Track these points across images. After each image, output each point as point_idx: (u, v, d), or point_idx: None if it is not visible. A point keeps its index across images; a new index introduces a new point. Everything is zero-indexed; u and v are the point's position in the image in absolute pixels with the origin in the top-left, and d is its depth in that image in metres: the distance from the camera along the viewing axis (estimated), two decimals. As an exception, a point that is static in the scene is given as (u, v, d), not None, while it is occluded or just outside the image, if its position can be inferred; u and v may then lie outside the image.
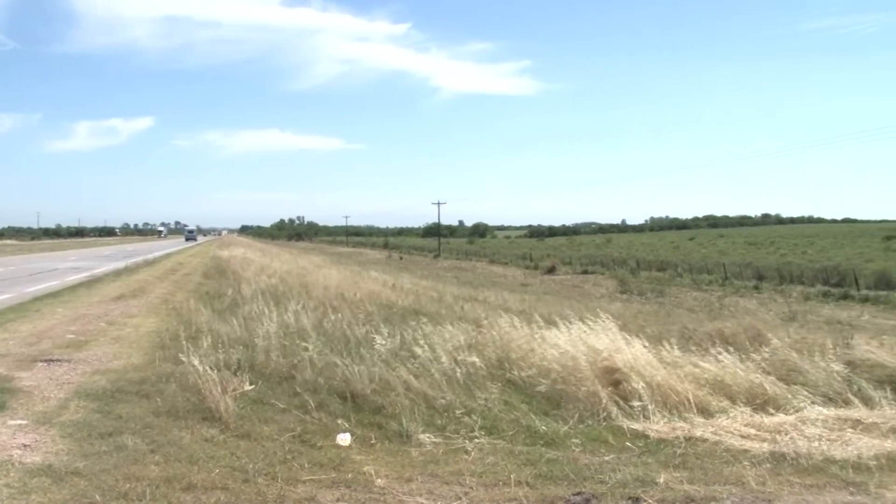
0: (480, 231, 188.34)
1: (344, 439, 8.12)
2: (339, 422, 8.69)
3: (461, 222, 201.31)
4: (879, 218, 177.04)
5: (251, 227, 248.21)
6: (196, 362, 9.73)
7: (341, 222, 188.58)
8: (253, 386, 10.00)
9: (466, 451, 7.87)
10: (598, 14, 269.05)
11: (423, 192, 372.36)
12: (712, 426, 9.22)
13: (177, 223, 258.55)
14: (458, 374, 10.15)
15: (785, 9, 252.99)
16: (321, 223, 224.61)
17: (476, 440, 8.20)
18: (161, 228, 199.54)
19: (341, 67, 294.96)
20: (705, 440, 8.66)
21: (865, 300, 37.31)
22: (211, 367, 9.70)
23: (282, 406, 9.22)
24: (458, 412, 8.92)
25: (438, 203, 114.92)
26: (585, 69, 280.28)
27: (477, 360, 10.75)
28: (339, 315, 15.32)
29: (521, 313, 16.24)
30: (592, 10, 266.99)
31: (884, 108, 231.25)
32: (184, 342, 11.81)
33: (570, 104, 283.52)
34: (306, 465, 7.23)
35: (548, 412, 9.26)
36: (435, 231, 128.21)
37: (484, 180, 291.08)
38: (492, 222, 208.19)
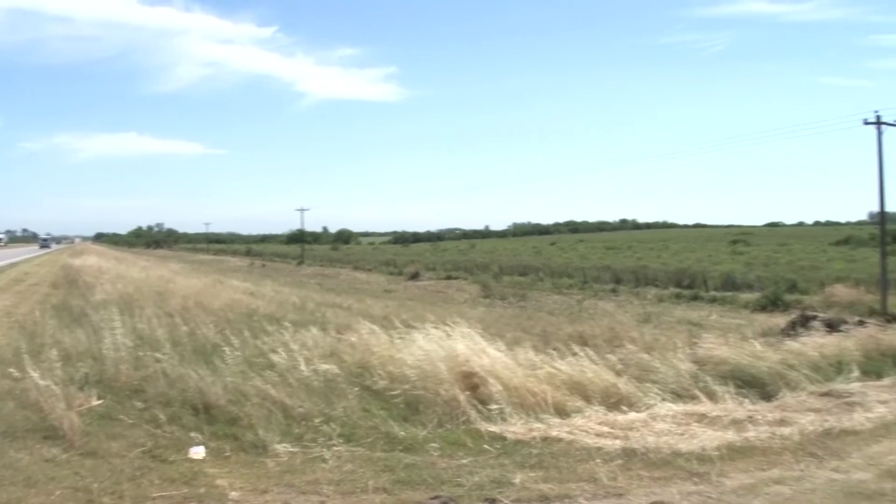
0: (345, 237, 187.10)
1: (197, 452, 7.86)
2: (193, 435, 8.42)
3: (325, 229, 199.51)
4: (727, 223, 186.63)
5: (107, 235, 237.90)
6: (37, 377, 9.21)
7: (202, 229, 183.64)
8: (101, 401, 9.57)
9: (324, 460, 7.78)
10: (465, 21, 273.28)
11: (287, 199, 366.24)
12: (568, 426, 9.45)
13: (24, 230, 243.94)
14: (317, 382, 10.02)
15: (644, 22, 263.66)
16: (181, 230, 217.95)
17: (334, 448, 8.11)
18: (1, 236, 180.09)
19: (204, 70, 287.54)
20: (561, 440, 8.87)
21: (714, 301, 39.08)
22: (55, 382, 9.21)
23: (131, 421, 8.86)
24: (316, 420, 8.80)
25: (302, 210, 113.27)
26: (451, 76, 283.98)
27: (336, 367, 10.65)
28: (196, 324, 14.87)
29: (383, 319, 16.21)
30: (459, 17, 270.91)
31: (731, 119, 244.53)
32: (25, 356, 11.14)
33: (436, 110, 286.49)
34: (156, 482, 6.96)
35: (407, 418, 9.27)
36: (299, 238, 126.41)
37: (349, 186, 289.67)
38: (356, 229, 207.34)
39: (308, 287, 45.03)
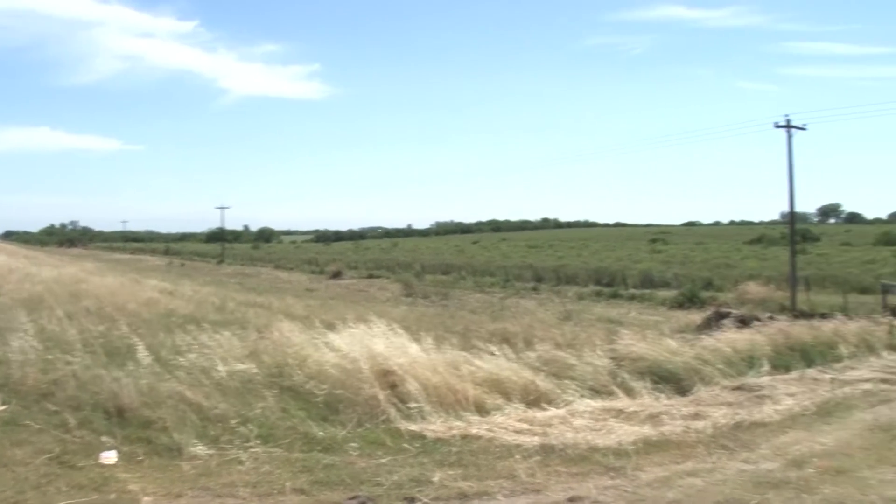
0: (266, 236, 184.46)
1: (108, 457, 7.64)
2: (104, 439, 8.18)
3: (247, 227, 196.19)
4: (647, 222, 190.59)
5: (16, 233, 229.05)
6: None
7: (119, 228, 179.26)
8: (6, 406, 9.22)
9: (241, 462, 7.64)
10: (390, 20, 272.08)
11: (207, 197, 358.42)
12: (488, 423, 9.51)
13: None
14: (235, 383, 9.86)
15: (568, 24, 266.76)
16: (97, 229, 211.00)
17: (252, 450, 7.98)
18: None
19: (122, 63, 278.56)
20: (481, 437, 8.92)
21: (632, 298, 39.82)
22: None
23: (38, 426, 8.55)
24: (233, 422, 8.63)
25: (222, 208, 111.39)
26: (375, 74, 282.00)
27: (255, 367, 10.49)
28: (111, 325, 14.48)
29: (304, 319, 16.05)
30: (383, 15, 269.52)
31: (650, 120, 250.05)
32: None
33: (359, 109, 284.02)
34: (64, 489, 6.72)
35: (326, 417, 9.19)
36: (219, 236, 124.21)
37: (271, 185, 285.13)
38: (278, 227, 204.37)
39: (228, 286, 44.36)
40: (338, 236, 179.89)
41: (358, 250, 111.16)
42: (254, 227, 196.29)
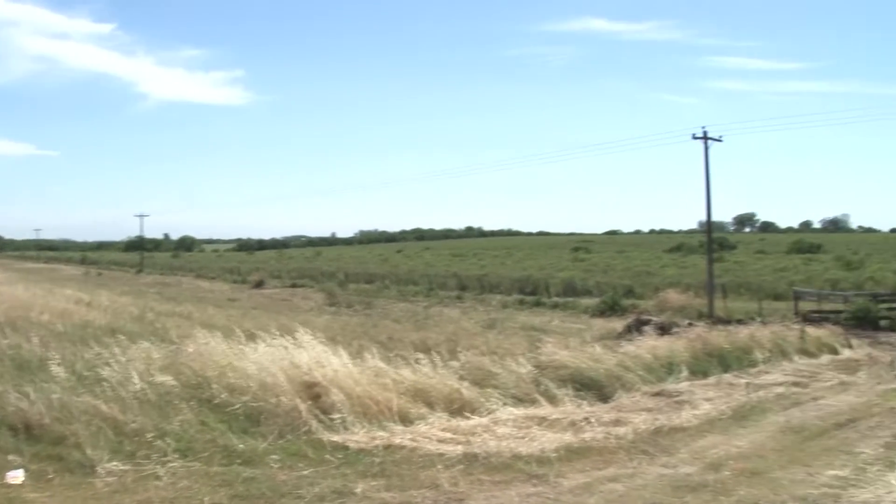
0: (187, 245, 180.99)
1: (15, 477, 7.33)
2: (11, 458, 7.85)
3: (167, 236, 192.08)
4: (569, 231, 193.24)
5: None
6: None
7: (32, 236, 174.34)
8: None
9: (158, 477, 7.44)
10: (314, 27, 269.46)
11: (125, 204, 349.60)
12: (411, 433, 9.47)
13: None
14: (153, 396, 9.57)
15: (491, 34, 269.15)
16: (7, 237, 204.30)
17: (169, 464, 7.77)
18: None
19: (36, 65, 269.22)
20: (404, 447, 8.88)
21: (555, 306, 40.26)
22: None
23: (-63, 446, 8.17)
24: (149, 436, 8.37)
25: (141, 216, 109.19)
26: (299, 81, 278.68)
27: (174, 379, 10.21)
28: (21, 338, 13.98)
29: (225, 329, 15.74)
30: (307, 22, 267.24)
31: (573, 131, 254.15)
32: None
33: (283, 116, 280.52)
34: (-34, 511, 6.45)
35: (247, 430, 8.99)
36: (138, 245, 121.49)
37: (192, 192, 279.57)
38: (199, 236, 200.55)
39: (147, 296, 43.38)
40: (261, 245, 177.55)
41: (281, 259, 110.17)
42: (174, 236, 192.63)
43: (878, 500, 7.11)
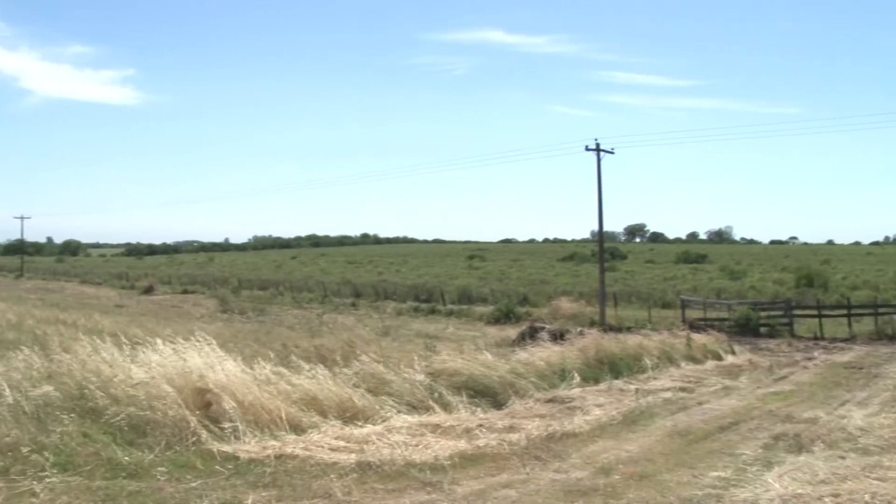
0: (72, 249, 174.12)
1: None
2: None
3: (50, 239, 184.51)
4: (464, 239, 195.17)
5: None
6: None
7: None
8: None
9: (35, 494, 7.05)
10: (208, 28, 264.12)
11: (5, 205, 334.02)
12: (303, 442, 9.32)
13: None
14: (29, 408, 9.09)
15: (391, 43, 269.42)
16: None
17: (47, 479, 7.37)
18: None
19: None
20: (296, 456, 8.72)
21: (450, 314, 40.55)
22: None
23: None
24: (25, 450, 7.90)
25: (22, 217, 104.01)
26: (192, 82, 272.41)
27: (54, 390, 9.74)
28: None
29: (112, 336, 15.17)
30: (201, 22, 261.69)
31: (470, 140, 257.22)
32: None
33: (175, 117, 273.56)
34: None
35: (133, 442, 8.64)
36: (18, 248, 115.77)
37: (78, 194, 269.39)
38: (86, 240, 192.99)
39: (28, 302, 41.63)
40: (151, 250, 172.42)
41: (172, 265, 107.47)
42: (58, 240, 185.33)
43: (757, 499, 7.39)
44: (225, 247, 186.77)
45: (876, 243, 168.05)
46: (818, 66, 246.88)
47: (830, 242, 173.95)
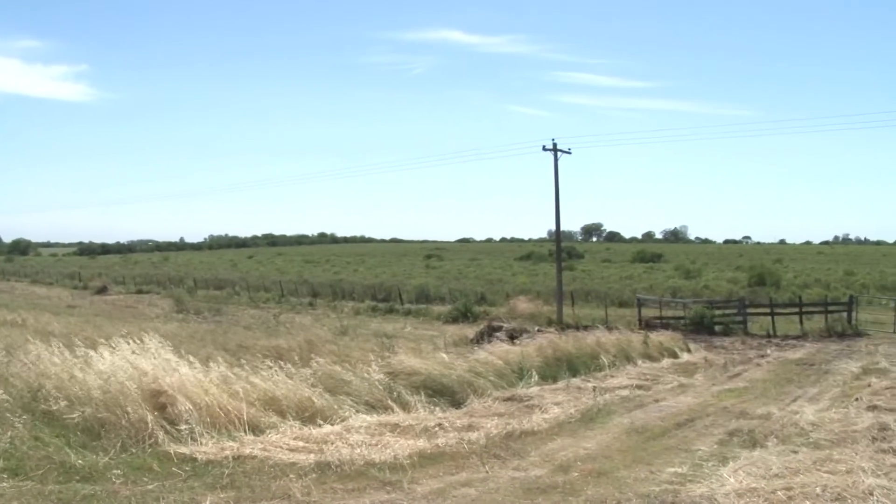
0: (22, 248, 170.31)
1: None
2: None
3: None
4: (422, 238, 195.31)
5: None
6: None
7: None
8: None
9: (-16, 499, 6.91)
10: (163, 24, 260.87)
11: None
12: (262, 443, 9.25)
13: None
14: (-24, 412, 8.89)
15: (349, 41, 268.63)
16: None
17: (-2, 485, 7.23)
18: None
19: None
20: (255, 457, 8.65)
21: (409, 313, 40.52)
22: None
23: None
24: (-27, 455, 7.75)
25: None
26: (147, 80, 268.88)
27: (3, 392, 9.54)
28: None
29: (64, 337, 14.93)
30: (156, 19, 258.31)
31: (428, 139, 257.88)
32: None
33: (130, 115, 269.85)
34: None
35: (87, 444, 8.48)
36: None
37: (29, 192, 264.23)
38: (36, 238, 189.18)
39: (-25, 303, 40.68)
40: (104, 249, 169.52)
41: (126, 264, 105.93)
42: (7, 238, 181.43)
43: (713, 493, 7.48)
44: (180, 246, 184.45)
45: (826, 243, 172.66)
46: (771, 69, 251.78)
47: (782, 242, 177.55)
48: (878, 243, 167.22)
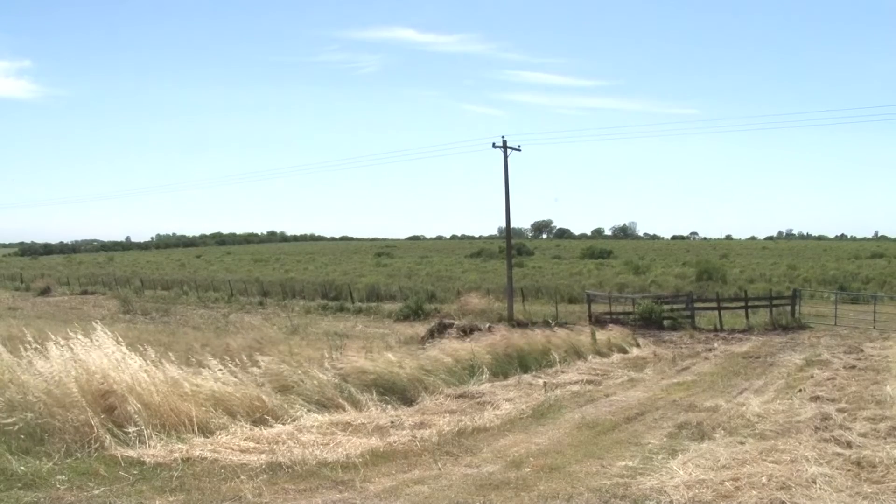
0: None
1: None
2: None
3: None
4: (372, 236, 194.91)
5: None
6: None
7: None
8: None
9: (-81, 509, 6.71)
10: (110, 21, 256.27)
11: None
12: (212, 444, 9.11)
13: None
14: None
15: (299, 40, 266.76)
16: None
17: (-67, 494, 7.02)
18: None
19: None
20: (204, 459, 8.52)
21: (359, 311, 40.35)
22: None
23: None
24: None
25: None
26: (93, 77, 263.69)
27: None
28: None
29: (6, 340, 14.56)
30: (104, 15, 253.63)
31: (379, 137, 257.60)
32: None
33: (74, 112, 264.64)
34: None
35: (29, 450, 8.24)
36: None
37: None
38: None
39: None
40: (47, 249, 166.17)
41: (70, 265, 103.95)
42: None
43: (663, 486, 7.57)
44: (126, 246, 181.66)
45: (770, 238, 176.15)
46: (716, 67, 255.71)
47: (728, 237, 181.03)
48: (820, 238, 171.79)
